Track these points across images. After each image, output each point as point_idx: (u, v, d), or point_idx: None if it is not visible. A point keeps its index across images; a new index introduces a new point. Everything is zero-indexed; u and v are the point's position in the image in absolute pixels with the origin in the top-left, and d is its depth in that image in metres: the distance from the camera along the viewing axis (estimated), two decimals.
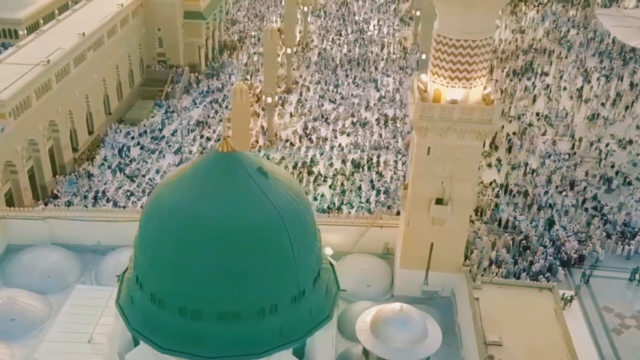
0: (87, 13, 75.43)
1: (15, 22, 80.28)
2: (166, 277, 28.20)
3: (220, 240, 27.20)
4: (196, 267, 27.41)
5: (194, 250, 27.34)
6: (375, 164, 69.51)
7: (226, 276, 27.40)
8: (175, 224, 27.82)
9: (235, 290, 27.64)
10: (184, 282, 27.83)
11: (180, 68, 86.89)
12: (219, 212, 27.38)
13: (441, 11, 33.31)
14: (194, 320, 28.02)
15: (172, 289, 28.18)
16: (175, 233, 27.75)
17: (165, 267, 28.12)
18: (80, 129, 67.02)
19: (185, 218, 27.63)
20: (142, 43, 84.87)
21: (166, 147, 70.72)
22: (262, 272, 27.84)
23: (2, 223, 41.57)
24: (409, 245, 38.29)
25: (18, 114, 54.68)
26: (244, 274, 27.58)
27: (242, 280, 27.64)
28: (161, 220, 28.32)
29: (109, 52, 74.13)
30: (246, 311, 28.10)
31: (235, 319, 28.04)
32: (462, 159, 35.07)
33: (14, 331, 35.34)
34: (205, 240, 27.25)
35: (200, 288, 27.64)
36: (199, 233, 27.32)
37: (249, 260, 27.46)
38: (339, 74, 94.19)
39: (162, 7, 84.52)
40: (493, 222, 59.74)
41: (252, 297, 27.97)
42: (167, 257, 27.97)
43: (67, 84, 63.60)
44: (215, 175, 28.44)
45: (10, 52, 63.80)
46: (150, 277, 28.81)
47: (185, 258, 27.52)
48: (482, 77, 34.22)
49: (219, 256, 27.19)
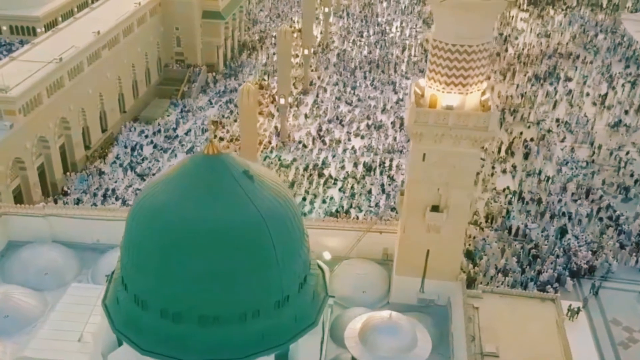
0: (105, 12, 76.37)
1: (33, 20, 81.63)
2: (148, 278, 28.35)
3: (202, 243, 27.22)
4: (177, 269, 27.49)
5: (175, 253, 27.43)
6: (387, 167, 69.04)
7: (207, 279, 27.43)
8: (157, 225, 27.93)
9: (216, 293, 27.65)
10: (165, 284, 27.92)
11: (197, 67, 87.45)
12: (201, 215, 27.40)
13: (437, 15, 32.92)
14: (175, 322, 28.10)
15: (154, 290, 28.31)
16: (157, 234, 27.86)
17: (148, 269, 28.27)
18: (93, 127, 67.76)
19: (168, 220, 27.73)
20: (160, 42, 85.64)
21: (179, 147, 71.21)
22: (243, 276, 27.78)
23: (3, 219, 42.17)
24: (405, 252, 37.92)
25: (28, 111, 55.51)
26: (225, 278, 27.55)
27: (223, 284, 27.60)
28: (145, 221, 28.48)
29: (125, 50, 74.91)
30: (227, 315, 28.10)
31: (216, 322, 28.05)
32: (459, 166, 34.58)
33: (8, 327, 35.82)
34: (186, 243, 27.32)
35: (181, 290, 27.71)
36: (181, 235, 27.39)
37: (230, 263, 27.45)
38: (357, 76, 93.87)
39: (180, 7, 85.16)
40: (503, 230, 58.83)
41: (233, 301, 27.96)
42: (149, 259, 28.12)
43: (80, 82, 64.40)
44: (199, 177, 28.47)
45: (24, 50, 64.88)
46: (134, 278, 28.97)
47: (167, 260, 27.62)
48: (480, 83, 33.68)
49: (199, 259, 27.22)
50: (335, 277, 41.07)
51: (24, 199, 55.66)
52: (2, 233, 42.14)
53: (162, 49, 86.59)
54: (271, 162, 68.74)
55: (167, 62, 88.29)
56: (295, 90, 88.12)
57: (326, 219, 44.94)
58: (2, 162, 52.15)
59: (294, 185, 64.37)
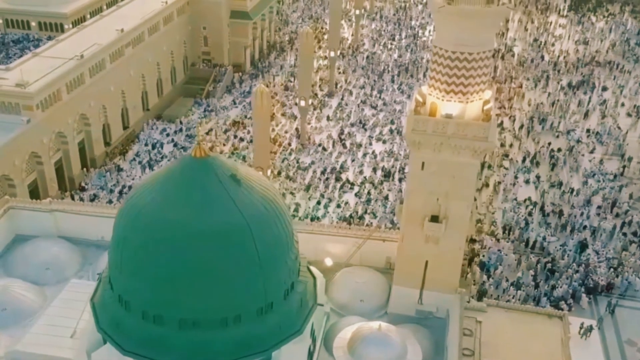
0: (132, 9, 77.50)
1: (60, 17, 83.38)
2: (131, 279, 28.62)
3: (182, 246, 27.28)
4: (157, 271, 27.66)
5: (156, 254, 27.57)
6: (407, 174, 68.25)
7: (187, 283, 27.48)
8: (140, 225, 28.16)
9: (196, 297, 27.68)
10: (146, 286, 28.10)
11: (223, 67, 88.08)
12: (184, 217, 27.45)
13: (437, 21, 32.40)
14: (156, 325, 28.24)
15: (136, 291, 28.53)
16: (140, 234, 28.09)
17: (130, 269, 28.55)
18: (114, 124, 68.81)
19: (150, 220, 27.92)
20: (187, 41, 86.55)
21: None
22: (225, 281, 27.77)
23: (10, 213, 43.02)
24: (404, 262, 37.39)
25: (46, 107, 56.66)
26: (206, 282, 27.56)
27: (203, 288, 27.62)
28: (129, 220, 28.75)
29: (150, 49, 75.88)
30: (208, 320, 28.11)
31: (197, 327, 28.10)
32: (458, 176, 33.91)
33: (5, 320, 36.41)
34: (167, 245, 27.41)
35: (161, 293, 27.87)
36: (162, 237, 27.52)
37: (211, 268, 27.45)
38: (385, 79, 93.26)
39: (208, 6, 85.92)
40: (520, 242, 57.62)
41: (214, 306, 27.96)
42: (132, 259, 28.38)
43: (102, 79, 65.46)
44: (185, 179, 28.57)
45: (48, 46, 66.30)
46: (118, 278, 29.24)
47: (147, 261, 27.82)
48: (481, 92, 32.98)
49: (180, 262, 27.29)
50: (334, 284, 40.84)
51: (40, 193, 56.79)
52: (8, 227, 42.93)
53: (189, 48, 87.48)
54: (289, 164, 68.71)
55: (194, 61, 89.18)
56: (321, 92, 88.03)
57: (328, 224, 44.53)
58: (18, 156, 53.31)
59: (310, 189, 64.21)
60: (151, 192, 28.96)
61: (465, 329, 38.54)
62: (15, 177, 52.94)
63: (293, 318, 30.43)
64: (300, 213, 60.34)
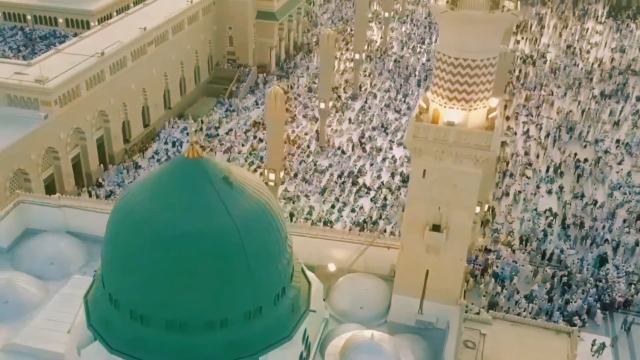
0: (158, 8, 78.24)
1: (87, 14, 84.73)
2: (120, 277, 28.89)
3: (170, 247, 27.38)
4: (145, 271, 27.82)
5: (144, 254, 27.73)
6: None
7: (174, 284, 27.59)
8: (130, 225, 28.37)
9: (183, 299, 27.76)
10: (134, 285, 28.33)
11: (247, 67, 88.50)
12: (173, 218, 27.57)
13: (440, 26, 31.93)
14: (143, 325, 28.42)
15: (125, 290, 28.79)
16: (129, 234, 28.28)
17: (119, 268, 28.80)
18: (134, 121, 69.69)
19: (140, 220, 28.10)
20: (212, 40, 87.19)
21: (218, 146, 72.20)
22: (212, 284, 27.76)
23: (20, 207, 43.81)
24: (404, 271, 37.01)
25: (65, 103, 57.66)
26: (193, 285, 27.62)
27: (189, 290, 27.67)
28: (119, 219, 29.01)
29: (174, 47, 76.63)
30: (194, 322, 28.15)
31: (183, 328, 28.18)
32: (460, 186, 33.43)
33: (6, 313, 37.06)
34: (155, 245, 27.54)
35: (148, 293, 28.05)
36: (150, 237, 27.66)
37: (198, 270, 27.48)
38: (411, 83, 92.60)
39: (234, 6, 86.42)
40: (537, 253, 56.52)
41: (200, 308, 27.99)
42: (121, 258, 28.61)
43: (123, 77, 66.35)
44: (177, 180, 28.69)
45: (71, 43, 67.47)
46: (109, 276, 29.54)
47: (136, 261, 27.98)
48: (485, 100, 32.43)
49: (167, 263, 27.42)
50: (335, 290, 40.66)
51: (56, 188, 57.77)
52: (18, 220, 43.72)
53: (214, 48, 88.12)
54: (307, 167, 68.63)
55: (219, 61, 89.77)
56: (345, 95, 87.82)
57: (332, 229, 44.30)
58: (34, 151, 54.30)
59: (325, 192, 64.04)
60: (143, 191, 29.21)
61: (467, 341, 37.98)
62: (31, 172, 53.94)
63: (283, 323, 30.29)
64: (313, 216, 60.23)
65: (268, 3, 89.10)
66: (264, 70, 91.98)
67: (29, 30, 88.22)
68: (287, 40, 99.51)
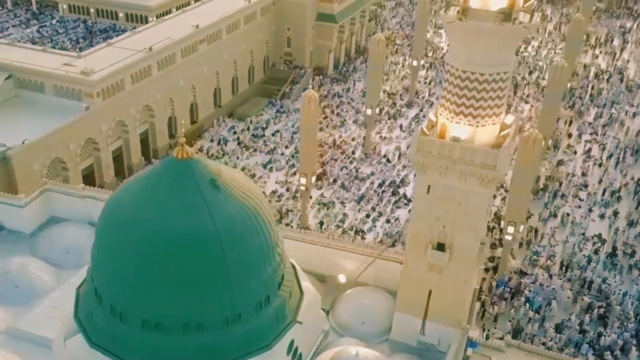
0: (215, 6, 79.50)
1: (146, 9, 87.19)
2: (103, 273, 29.50)
3: (148, 246, 27.69)
4: (124, 268, 28.27)
5: (124, 252, 28.20)
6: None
7: (151, 284, 27.89)
8: (114, 222, 28.98)
9: (158, 300, 27.98)
10: (114, 282, 28.86)
11: (303, 69, 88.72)
12: (153, 217, 27.90)
13: (449, 37, 30.88)
14: (122, 322, 28.86)
15: (106, 286, 29.31)
16: (112, 231, 28.92)
17: (102, 264, 29.46)
18: (181, 117, 70.97)
19: (123, 218, 28.62)
20: (269, 41, 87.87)
21: (262, 146, 72.69)
22: (188, 286, 27.82)
23: (47, 195, 45.47)
24: (406, 288, 36.08)
25: (108, 96, 59.44)
26: (169, 285, 27.78)
27: (166, 291, 27.84)
28: (106, 216, 29.66)
29: (227, 46, 77.66)
30: (170, 324, 28.31)
31: (159, 329, 28.39)
32: (465, 205, 32.25)
33: (15, 297, 38.52)
34: (134, 243, 27.92)
35: (126, 291, 28.47)
36: (130, 235, 28.07)
37: (176, 272, 27.61)
38: None
39: (294, 7, 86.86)
40: (577, 281, 53.84)
41: (176, 310, 28.10)
42: (104, 254, 29.24)
43: (171, 73, 67.78)
44: (163, 180, 29.05)
45: (123, 37, 69.58)
46: (95, 270, 30.14)
47: (116, 258, 28.53)
48: (495, 117, 31.18)
49: (145, 262, 27.75)
50: (340, 302, 40.14)
51: (95, 178, 59.64)
52: (44, 208, 45.38)
53: (272, 48, 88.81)
54: (348, 173, 68.06)
55: (275, 62, 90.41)
56: (400, 101, 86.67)
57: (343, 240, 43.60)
58: (73, 141, 56.20)
59: (362, 200, 63.30)
60: (131, 189, 29.78)
61: None
62: (69, 161, 55.90)
63: (264, 332, 30.04)
64: (345, 224, 59.64)
65: (328, 5, 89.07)
66: (320, 72, 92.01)
67: (91, 23, 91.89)
68: (349, 44, 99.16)
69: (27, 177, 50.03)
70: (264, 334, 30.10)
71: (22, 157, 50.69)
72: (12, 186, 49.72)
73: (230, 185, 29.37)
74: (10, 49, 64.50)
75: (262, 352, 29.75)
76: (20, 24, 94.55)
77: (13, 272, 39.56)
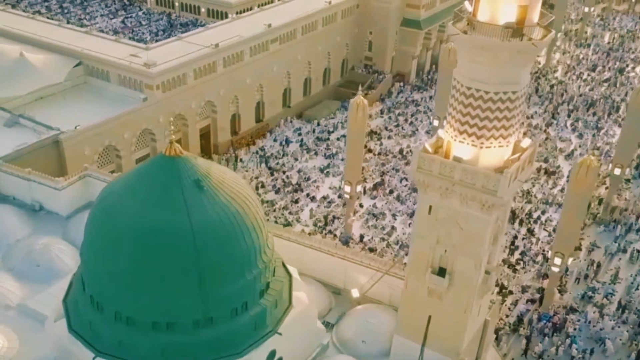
0: (296, 6, 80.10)
1: (226, 5, 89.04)
2: (85, 262, 30.62)
3: (121, 239, 28.44)
4: (99, 259, 29.33)
5: (101, 242, 29.32)
6: (535, 219, 62.64)
7: (122, 277, 28.63)
8: (97, 212, 30.00)
9: (129, 294, 28.74)
10: (91, 272, 30.01)
11: (382, 75, 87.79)
12: (130, 212, 28.62)
13: (457, 50, 29.46)
14: (98, 312, 29.90)
15: (87, 275, 30.46)
16: (94, 221, 30.05)
17: (84, 252, 30.65)
18: (245, 115, 72.23)
19: (104, 209, 29.70)
20: (349, 43, 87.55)
21: (324, 150, 72.56)
22: (158, 284, 28.31)
23: (86, 180, 47.50)
24: (406, 311, 34.90)
25: (168, 89, 61.33)
26: (139, 281, 28.41)
27: (136, 286, 28.49)
28: (94, 204, 30.66)
29: (301, 47, 78.02)
30: (140, 319, 28.93)
31: (130, 324, 29.17)
32: (467, 229, 30.72)
33: (35, 276, 40.31)
34: (109, 235, 28.89)
35: (100, 281, 29.60)
36: (107, 226, 29.07)
37: (146, 267, 28.21)
38: (560, 113, 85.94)
39: (378, 11, 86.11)
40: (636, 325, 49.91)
41: (146, 306, 28.70)
42: (87, 243, 30.33)
43: (237, 70, 68.94)
44: (148, 177, 29.75)
45: (194, 32, 71.59)
46: (81, 259, 31.25)
47: (94, 247, 29.70)
48: (501, 139, 29.46)
49: (118, 254, 28.54)
50: (345, 317, 39.34)
51: None
52: (82, 193, 47.36)
53: (352, 51, 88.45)
54: (406, 186, 66.59)
55: (355, 65, 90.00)
56: None
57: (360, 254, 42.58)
58: (129, 130, 58.47)
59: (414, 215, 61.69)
60: (122, 181, 30.78)
61: None
62: (123, 149, 58.22)
63: (237, 339, 30.02)
64: (392, 238, 58.36)
65: (415, 11, 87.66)
66: (401, 79, 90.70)
67: (175, 17, 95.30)
68: (437, 51, 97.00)
69: (77, 162, 52.40)
70: (238, 340, 30.03)
71: (73, 141, 53.35)
72: (62, 169, 52.39)
73: (217, 187, 29.51)
74: (85, 37, 68.04)
75: (233, 358, 29.72)
76: (108, 13, 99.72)
77: (36, 251, 41.59)
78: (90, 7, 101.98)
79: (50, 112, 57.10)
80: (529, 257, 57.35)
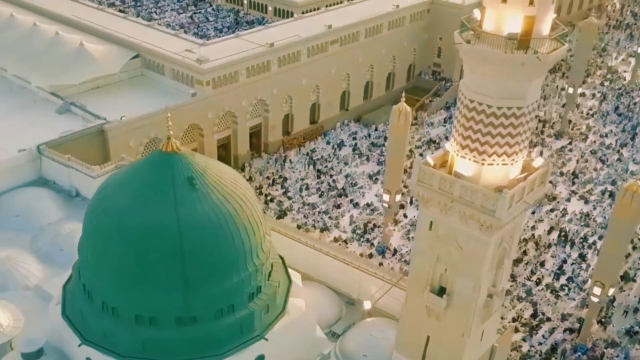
0: (363, 7, 79.56)
1: (292, 5, 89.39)
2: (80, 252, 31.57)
3: (110, 231, 29.23)
4: (91, 249, 30.24)
5: (92, 232, 30.27)
6: (589, 244, 59.60)
7: (109, 269, 29.44)
8: (93, 203, 30.77)
9: (114, 285, 29.51)
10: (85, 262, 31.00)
11: (449, 82, 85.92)
12: (120, 205, 29.40)
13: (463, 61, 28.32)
14: (88, 300, 30.77)
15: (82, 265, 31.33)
16: (89, 211, 30.76)
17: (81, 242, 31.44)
18: (298, 115, 72.32)
19: (98, 200, 30.46)
20: (417, 49, 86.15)
21: (377, 156, 71.68)
22: (140, 278, 28.88)
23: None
24: (405, 329, 33.93)
25: (218, 85, 62.23)
26: (123, 273, 29.15)
27: (120, 278, 29.27)
28: (94, 196, 31.43)
29: (364, 49, 77.42)
30: (124, 312, 29.59)
31: (115, 314, 29.90)
32: (467, 250, 29.52)
33: (58, 259, 42.03)
34: (99, 227, 29.73)
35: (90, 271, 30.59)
36: (99, 217, 29.90)
37: (130, 260, 28.80)
38: (638, 134, 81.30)
39: (449, 17, 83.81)
40: None
41: (128, 299, 29.33)
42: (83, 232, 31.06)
43: (293, 70, 69.16)
44: (143, 172, 30.51)
45: (253, 30, 72.38)
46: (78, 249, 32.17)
47: (86, 237, 30.54)
48: (505, 156, 28.15)
49: (105, 245, 29.40)
50: (352, 329, 38.81)
51: None
52: None
53: (419, 57, 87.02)
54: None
55: (422, 71, 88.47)
56: (551, 130, 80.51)
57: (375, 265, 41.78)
58: (177, 124, 59.61)
59: None
60: (117, 176, 31.52)
61: None
62: None
63: (220, 340, 30.12)
64: None
65: None
66: None
67: (242, 14, 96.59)
68: None
69: (121, 152, 53.86)
70: (221, 342, 30.13)
71: (118, 131, 55.06)
72: (106, 158, 54.11)
73: (211, 186, 29.70)
74: (146, 30, 70.23)
75: (215, 359, 29.79)
76: (179, 8, 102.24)
77: (62, 236, 43.30)
78: (163, 1, 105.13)
79: (103, 101, 59.29)
80: (576, 283, 54.61)
